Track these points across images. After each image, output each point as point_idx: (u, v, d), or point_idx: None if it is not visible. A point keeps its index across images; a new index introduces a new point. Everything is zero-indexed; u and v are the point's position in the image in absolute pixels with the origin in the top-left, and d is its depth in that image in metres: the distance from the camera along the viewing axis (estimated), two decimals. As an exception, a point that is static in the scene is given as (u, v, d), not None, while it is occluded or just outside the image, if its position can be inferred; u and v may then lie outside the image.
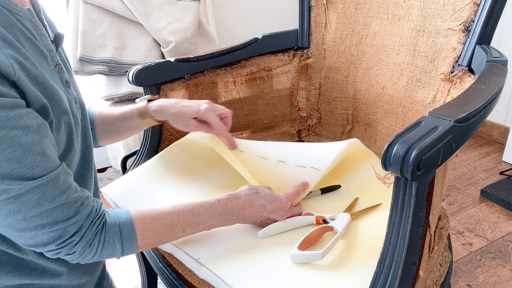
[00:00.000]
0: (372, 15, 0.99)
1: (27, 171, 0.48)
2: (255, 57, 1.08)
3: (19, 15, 0.52)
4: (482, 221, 1.47)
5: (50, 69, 0.56)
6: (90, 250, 0.56)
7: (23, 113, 0.47)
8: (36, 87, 0.50)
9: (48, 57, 0.56)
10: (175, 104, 0.78)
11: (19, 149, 0.47)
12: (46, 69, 0.55)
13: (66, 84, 0.60)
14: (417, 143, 0.43)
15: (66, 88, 0.60)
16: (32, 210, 0.50)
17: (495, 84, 0.59)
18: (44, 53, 0.55)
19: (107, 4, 1.41)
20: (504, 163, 1.82)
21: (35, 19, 0.55)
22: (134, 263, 1.09)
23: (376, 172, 0.84)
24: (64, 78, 0.60)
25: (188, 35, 1.45)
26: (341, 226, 0.68)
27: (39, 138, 0.49)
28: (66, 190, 0.53)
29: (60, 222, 0.52)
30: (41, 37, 0.55)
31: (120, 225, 0.58)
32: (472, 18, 0.77)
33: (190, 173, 0.88)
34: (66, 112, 0.56)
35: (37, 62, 0.52)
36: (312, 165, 0.78)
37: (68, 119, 0.57)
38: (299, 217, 0.74)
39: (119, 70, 1.43)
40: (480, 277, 1.24)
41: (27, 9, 0.54)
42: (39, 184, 0.49)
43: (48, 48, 0.57)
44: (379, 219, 0.73)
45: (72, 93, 0.61)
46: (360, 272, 0.60)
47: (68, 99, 0.59)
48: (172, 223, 0.63)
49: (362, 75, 1.02)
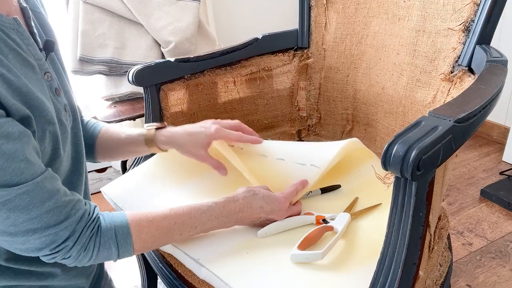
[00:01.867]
0: (372, 15, 0.99)
1: (11, 178, 0.48)
2: (255, 57, 1.08)
3: (4, 26, 0.51)
4: (482, 221, 1.47)
5: (37, 78, 0.55)
6: (86, 254, 0.56)
7: (3, 122, 0.46)
8: (18, 98, 0.49)
9: (35, 66, 0.55)
10: (184, 134, 0.75)
11: (2, 157, 0.46)
12: (32, 79, 0.54)
13: (55, 92, 0.59)
14: (417, 143, 0.43)
15: (55, 96, 0.59)
16: (22, 216, 0.49)
17: (495, 84, 0.59)
18: (30, 63, 0.54)
19: (107, 4, 1.41)
20: (504, 163, 1.82)
21: (22, 28, 0.54)
22: (134, 263, 1.09)
23: (376, 172, 0.84)
24: (54, 86, 0.59)
25: (188, 35, 1.44)
26: (341, 225, 0.69)
27: (21, 146, 0.48)
28: (55, 194, 0.52)
29: (51, 227, 0.52)
30: (28, 46, 0.54)
31: (116, 229, 0.58)
32: (472, 18, 0.77)
33: (190, 172, 0.88)
34: (52, 122, 0.55)
35: (22, 73, 0.51)
36: (311, 163, 0.78)
37: (54, 129, 0.56)
38: (299, 216, 0.74)
39: (119, 70, 1.43)
40: (480, 277, 1.24)
41: (13, 19, 0.53)
42: (26, 190, 0.49)
43: (36, 57, 0.56)
44: (379, 219, 0.73)
45: (61, 101, 0.60)
46: (360, 272, 0.60)
47: (57, 108, 0.58)
48: (168, 226, 0.63)
49: (362, 75, 1.02)
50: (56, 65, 0.63)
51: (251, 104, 1.09)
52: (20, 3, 0.58)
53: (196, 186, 0.85)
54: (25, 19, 0.58)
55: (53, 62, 0.62)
